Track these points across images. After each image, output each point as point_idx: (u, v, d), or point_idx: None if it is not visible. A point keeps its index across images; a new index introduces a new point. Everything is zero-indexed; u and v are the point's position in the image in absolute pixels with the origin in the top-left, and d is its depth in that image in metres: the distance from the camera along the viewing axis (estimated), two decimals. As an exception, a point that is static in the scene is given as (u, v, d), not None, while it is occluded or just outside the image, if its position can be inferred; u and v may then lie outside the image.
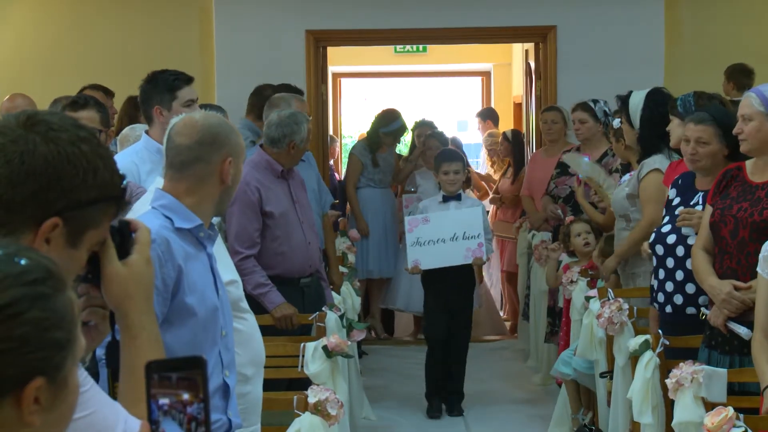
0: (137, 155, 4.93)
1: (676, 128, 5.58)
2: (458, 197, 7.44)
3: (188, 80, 4.97)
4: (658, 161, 5.88)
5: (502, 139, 10.79)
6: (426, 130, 10.07)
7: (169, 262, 3.07)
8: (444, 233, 7.20)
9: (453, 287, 7.41)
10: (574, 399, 6.69)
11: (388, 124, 9.66)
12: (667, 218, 5.26)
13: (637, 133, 6.09)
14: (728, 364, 4.59)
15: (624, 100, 6.20)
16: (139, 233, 2.16)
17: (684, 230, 5.11)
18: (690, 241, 5.03)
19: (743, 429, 3.79)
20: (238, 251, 5.75)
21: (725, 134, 4.99)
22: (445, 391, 7.56)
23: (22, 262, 1.58)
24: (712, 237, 4.74)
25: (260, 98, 7.32)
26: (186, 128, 3.25)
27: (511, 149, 10.44)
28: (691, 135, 5.12)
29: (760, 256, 4.22)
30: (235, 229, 5.81)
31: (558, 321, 7.61)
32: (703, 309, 4.77)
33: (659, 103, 5.99)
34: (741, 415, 3.87)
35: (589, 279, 6.68)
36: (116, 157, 5.06)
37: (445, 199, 7.43)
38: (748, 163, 4.76)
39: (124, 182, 2.06)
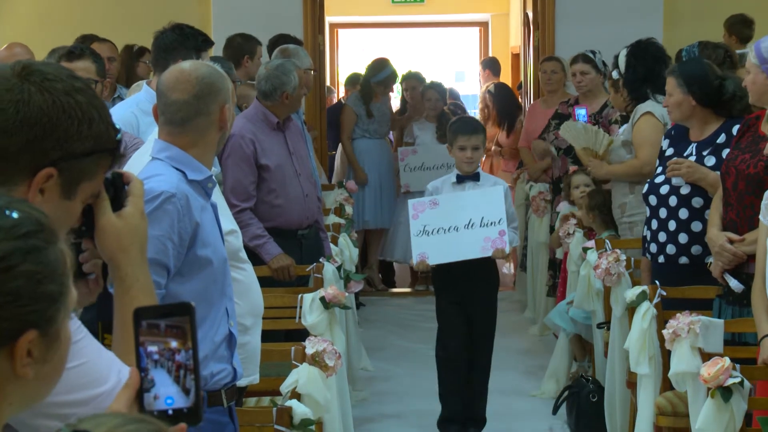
0: (138, 107, 4.90)
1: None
2: (476, 177, 5.98)
3: (211, 44, 5.03)
4: (649, 105, 5.93)
5: (487, 94, 10.76)
6: (414, 83, 10.05)
7: (186, 217, 3.07)
8: (457, 219, 5.79)
9: (471, 288, 5.95)
10: (578, 348, 6.71)
11: (377, 73, 9.64)
12: (660, 168, 5.27)
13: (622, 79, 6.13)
14: (730, 314, 4.61)
15: (617, 56, 6.23)
16: (133, 185, 2.15)
17: (674, 180, 5.13)
18: (683, 191, 5.08)
19: (740, 379, 3.80)
20: (233, 204, 5.74)
21: (688, 84, 5.04)
22: (461, 416, 6.07)
23: (14, 215, 1.57)
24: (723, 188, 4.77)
25: (232, 49, 7.27)
26: (180, 83, 3.21)
27: (494, 104, 10.44)
28: (666, 89, 5.21)
29: (762, 204, 4.22)
30: (231, 183, 5.80)
31: (558, 273, 7.62)
32: (707, 260, 4.80)
33: (642, 49, 6.04)
34: (738, 366, 3.88)
35: (586, 230, 6.68)
36: (116, 107, 5.08)
37: (460, 179, 6.00)
38: None
39: (119, 135, 2.04)
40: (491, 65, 12.50)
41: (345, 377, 5.58)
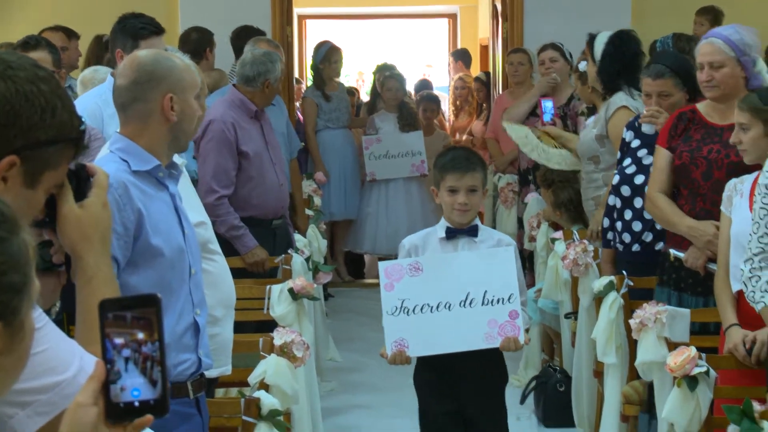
0: (101, 98, 4.88)
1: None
2: (472, 231, 4.30)
3: (156, 31, 4.89)
4: (623, 99, 5.89)
5: (476, 82, 10.78)
6: (386, 74, 10.05)
7: (128, 206, 3.05)
8: (450, 293, 4.17)
9: (470, 390, 4.28)
10: (545, 341, 6.74)
11: (318, 52, 9.65)
12: (629, 160, 5.27)
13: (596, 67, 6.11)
14: (702, 305, 4.63)
15: (591, 39, 6.20)
16: (97, 177, 2.14)
17: (645, 128, 5.09)
18: None
19: (705, 368, 3.83)
20: (214, 190, 5.72)
21: (684, 82, 5.05)
22: None
23: None
24: (680, 180, 4.75)
25: (191, 44, 7.24)
26: (124, 68, 3.20)
27: (486, 92, 10.47)
28: (651, 90, 5.18)
29: (724, 195, 4.26)
30: (213, 168, 5.77)
31: (528, 264, 7.65)
32: (672, 252, 4.77)
33: (623, 41, 6.01)
34: (704, 355, 3.91)
35: (551, 221, 6.71)
36: (80, 99, 5.05)
37: (451, 234, 4.30)
38: (701, 106, 4.79)
39: (83, 125, 2.03)
40: (462, 56, 12.51)
41: (313, 368, 5.58)
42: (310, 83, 10.82)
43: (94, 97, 4.92)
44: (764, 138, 4.06)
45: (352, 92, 10.79)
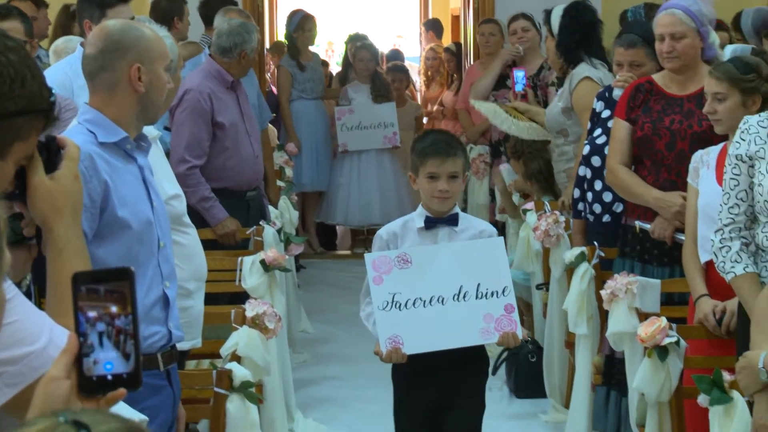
0: (71, 68, 4.83)
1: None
2: (452, 220, 4.06)
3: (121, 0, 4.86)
4: (586, 70, 5.91)
5: (446, 53, 10.76)
6: (358, 44, 10.02)
7: (94, 178, 3.02)
8: (442, 286, 3.96)
9: (451, 385, 4.05)
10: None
11: (290, 22, 9.61)
12: (599, 130, 5.28)
13: (555, 41, 6.13)
14: (668, 276, 4.65)
15: (548, 14, 6.22)
16: (68, 149, 2.13)
17: (616, 93, 5.09)
18: None
19: (676, 338, 3.86)
20: (186, 160, 5.70)
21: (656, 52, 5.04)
22: None
23: None
24: (643, 151, 4.76)
25: (160, 12, 7.19)
26: (93, 37, 3.17)
27: (456, 62, 10.45)
28: (623, 60, 5.19)
29: (690, 166, 4.27)
30: (186, 138, 5.74)
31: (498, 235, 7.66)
32: (638, 223, 4.79)
33: (579, 11, 6.05)
34: (674, 325, 3.94)
35: (522, 192, 6.73)
36: (50, 69, 5.02)
37: (430, 223, 4.06)
38: (658, 77, 4.80)
39: (53, 97, 2.01)
40: (434, 27, 12.47)
41: (285, 340, 5.59)
42: (273, 53, 10.78)
43: (64, 68, 4.88)
44: (740, 108, 4.06)
45: (324, 63, 10.74)
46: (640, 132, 4.75)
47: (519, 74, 7.22)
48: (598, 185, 5.23)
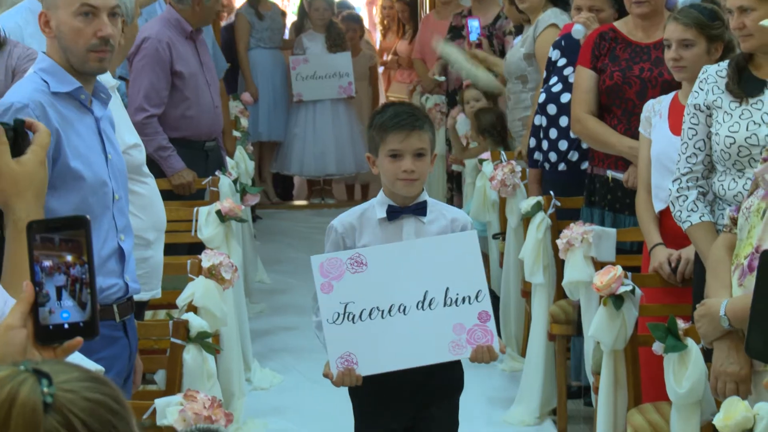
0: (21, 16, 4.76)
1: None
2: (420, 208, 3.43)
3: None
4: (553, 16, 5.86)
5: (399, 2, 10.70)
6: None
7: None
8: (403, 292, 3.32)
9: (422, 404, 3.42)
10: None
11: None
12: (555, 78, 5.27)
13: None
14: (611, 221, 4.69)
15: None
16: (38, 135, 2.13)
17: (576, 33, 5.08)
18: None
19: (631, 287, 3.88)
20: (144, 109, 5.64)
21: None
22: None
23: None
24: (612, 100, 4.73)
25: None
26: None
27: (410, 11, 10.39)
28: (583, 3, 5.21)
29: (642, 116, 4.28)
30: (145, 88, 5.67)
31: (455, 185, 7.67)
32: (610, 173, 4.77)
33: None
34: (629, 274, 3.96)
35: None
36: (6, 14, 4.89)
37: (393, 213, 3.42)
38: (620, 24, 4.79)
39: None
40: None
41: (242, 290, 5.57)
42: None
43: (14, 16, 4.80)
44: (705, 56, 4.06)
45: (283, 14, 10.65)
46: (609, 81, 4.74)
47: (474, 24, 7.18)
48: (553, 134, 5.24)
